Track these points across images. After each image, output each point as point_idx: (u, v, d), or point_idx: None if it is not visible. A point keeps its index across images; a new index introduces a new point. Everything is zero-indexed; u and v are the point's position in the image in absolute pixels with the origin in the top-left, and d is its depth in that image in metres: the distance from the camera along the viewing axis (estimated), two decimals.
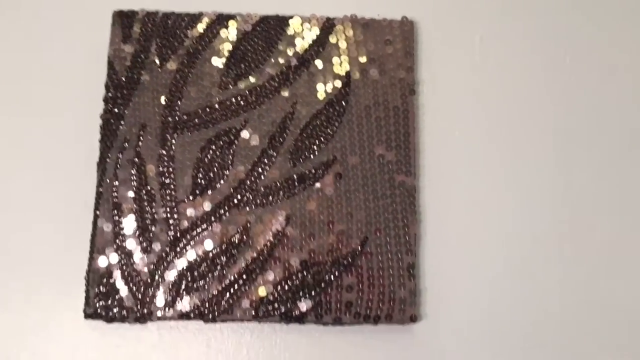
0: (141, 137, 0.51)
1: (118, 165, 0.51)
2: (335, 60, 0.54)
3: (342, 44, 0.54)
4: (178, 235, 0.50)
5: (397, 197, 0.51)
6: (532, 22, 0.57)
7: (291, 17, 0.55)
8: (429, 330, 0.50)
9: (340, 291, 0.49)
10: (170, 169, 0.51)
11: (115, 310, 0.48)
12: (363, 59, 0.54)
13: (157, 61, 0.53)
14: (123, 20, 0.53)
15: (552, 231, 0.53)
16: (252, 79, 0.53)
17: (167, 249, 0.49)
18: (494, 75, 0.56)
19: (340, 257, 0.50)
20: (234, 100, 0.53)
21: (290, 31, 0.54)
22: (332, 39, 0.54)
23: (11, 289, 0.50)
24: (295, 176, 0.51)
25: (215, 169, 0.51)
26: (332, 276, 0.50)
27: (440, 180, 0.53)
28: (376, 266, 0.50)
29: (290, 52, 0.54)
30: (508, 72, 0.56)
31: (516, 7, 0.57)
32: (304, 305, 0.49)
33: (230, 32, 0.54)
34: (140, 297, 0.48)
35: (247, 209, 0.51)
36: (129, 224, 0.50)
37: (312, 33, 0.55)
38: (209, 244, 0.50)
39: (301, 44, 0.54)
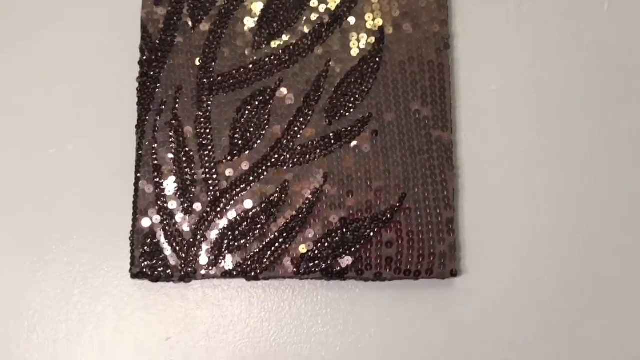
0: (177, 99, 0.52)
1: (156, 128, 0.51)
2: (367, 15, 0.53)
3: None
4: (218, 195, 0.50)
5: (434, 153, 0.51)
6: None
7: None
8: (470, 284, 0.50)
9: (380, 247, 0.50)
10: (208, 130, 0.51)
11: (160, 269, 0.49)
12: (396, 14, 0.53)
13: (190, 23, 0.53)
14: None
15: (593, 181, 0.52)
16: (284, 38, 0.53)
17: (208, 209, 0.50)
18: (529, 26, 0.55)
19: (379, 214, 0.50)
20: (267, 59, 0.53)
21: None
22: None
23: (59, 251, 0.51)
24: (331, 134, 0.51)
25: (251, 128, 0.51)
26: (371, 232, 0.50)
27: (477, 135, 0.53)
28: (415, 222, 0.50)
29: (322, 9, 0.53)
30: (544, 22, 0.55)
31: None
32: (344, 262, 0.49)
33: None
34: (184, 256, 0.49)
35: (285, 167, 0.51)
36: (170, 185, 0.50)
37: None
38: (248, 203, 0.50)
39: (333, 0, 0.54)
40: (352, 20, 0.53)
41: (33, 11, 0.55)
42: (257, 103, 0.52)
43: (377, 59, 0.53)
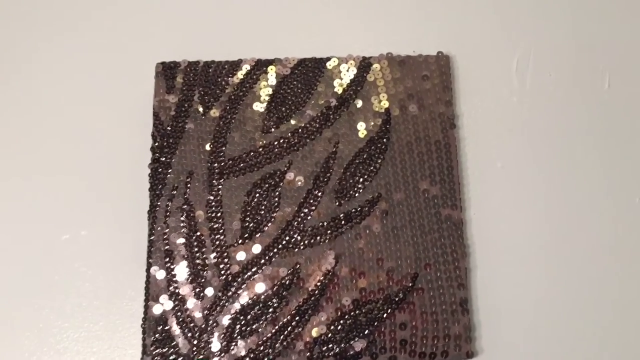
0: (189, 184, 0.52)
1: (168, 213, 0.52)
2: (374, 98, 0.55)
3: (380, 82, 0.55)
4: (229, 279, 0.50)
5: (445, 231, 0.51)
6: (568, 50, 0.57)
7: (328, 59, 0.56)
8: None
9: (394, 329, 0.49)
10: (219, 214, 0.52)
11: (172, 357, 0.48)
12: (402, 96, 0.55)
13: (201, 109, 0.54)
14: (166, 71, 0.55)
15: (603, 256, 0.52)
16: (293, 122, 0.54)
17: (220, 294, 0.50)
18: (532, 103, 0.56)
19: (392, 295, 0.50)
20: (276, 143, 0.54)
21: (328, 72, 0.55)
22: (370, 78, 0.55)
23: (70, 340, 0.51)
24: (341, 215, 0.52)
25: (262, 211, 0.52)
26: (384, 314, 0.49)
27: (486, 212, 0.53)
28: (428, 302, 0.50)
29: (329, 93, 0.55)
30: (546, 99, 0.56)
31: (551, 35, 0.58)
32: (358, 345, 0.49)
33: (270, 77, 0.55)
34: (195, 343, 0.49)
35: (296, 250, 0.51)
36: (181, 270, 0.50)
37: (349, 73, 0.55)
38: (260, 287, 0.50)
39: (339, 84, 0.55)
40: (359, 102, 0.55)
41: (49, 100, 0.56)
42: (267, 186, 0.52)
43: (385, 140, 0.54)
